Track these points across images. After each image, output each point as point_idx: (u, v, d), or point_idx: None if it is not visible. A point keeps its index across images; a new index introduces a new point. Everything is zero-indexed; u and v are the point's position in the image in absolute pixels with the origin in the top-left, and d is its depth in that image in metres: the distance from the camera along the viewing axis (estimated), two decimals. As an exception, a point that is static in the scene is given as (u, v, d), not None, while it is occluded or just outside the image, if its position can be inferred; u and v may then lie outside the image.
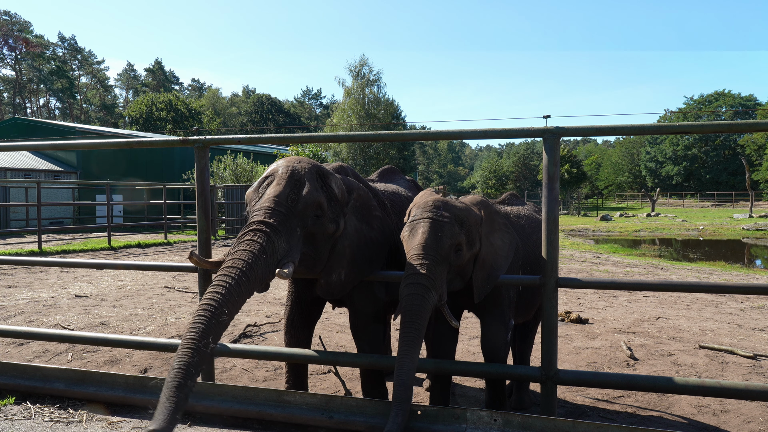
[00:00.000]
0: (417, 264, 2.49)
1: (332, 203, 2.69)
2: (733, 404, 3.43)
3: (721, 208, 43.33)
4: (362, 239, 2.86)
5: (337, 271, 2.76)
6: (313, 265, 2.70)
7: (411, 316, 2.40)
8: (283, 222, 2.44)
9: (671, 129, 2.80)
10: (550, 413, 2.78)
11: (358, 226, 2.86)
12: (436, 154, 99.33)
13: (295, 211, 2.50)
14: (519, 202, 3.57)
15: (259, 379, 3.97)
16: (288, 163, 2.67)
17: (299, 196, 2.52)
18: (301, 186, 2.56)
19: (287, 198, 2.50)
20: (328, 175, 2.73)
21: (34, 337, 3.73)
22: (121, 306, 6.34)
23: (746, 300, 7.16)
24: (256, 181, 2.70)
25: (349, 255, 2.78)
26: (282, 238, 2.42)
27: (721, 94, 57.79)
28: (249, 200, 2.68)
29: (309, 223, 2.56)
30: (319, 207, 2.58)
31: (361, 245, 2.85)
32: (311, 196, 2.54)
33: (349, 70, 42.31)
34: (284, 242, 2.43)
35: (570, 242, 17.80)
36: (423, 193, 2.96)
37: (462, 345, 4.81)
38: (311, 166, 2.67)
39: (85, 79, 72.11)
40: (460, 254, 2.62)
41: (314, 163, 2.71)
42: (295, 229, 2.49)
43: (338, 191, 2.74)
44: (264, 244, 2.34)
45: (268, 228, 2.38)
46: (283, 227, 2.43)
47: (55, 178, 22.98)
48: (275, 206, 2.46)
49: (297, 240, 2.50)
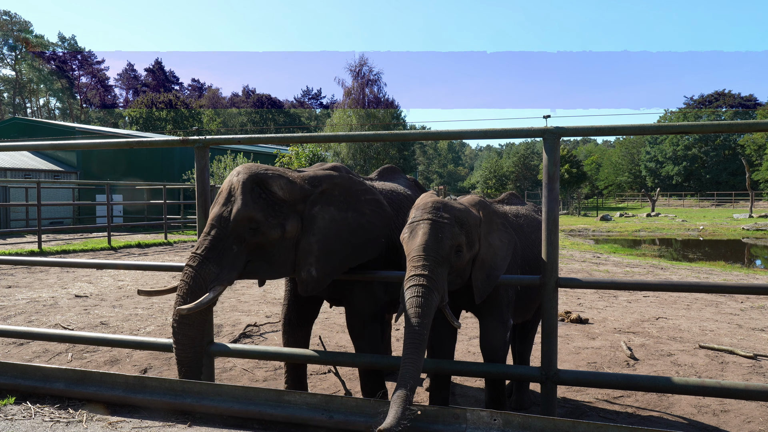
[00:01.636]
0: (418, 265, 2.49)
1: (275, 208, 2.67)
2: (733, 404, 3.43)
3: (721, 208, 43.32)
4: (342, 228, 2.84)
5: (305, 269, 2.77)
6: (274, 269, 2.76)
7: (414, 318, 2.39)
8: (213, 247, 2.59)
9: (671, 129, 2.80)
10: (550, 413, 2.78)
11: (338, 215, 2.84)
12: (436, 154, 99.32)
13: (227, 231, 2.61)
14: (518, 202, 3.57)
15: (259, 379, 3.97)
16: (230, 176, 2.74)
17: (230, 215, 2.61)
18: (233, 202, 2.63)
19: (220, 219, 2.63)
20: (268, 180, 2.70)
21: (34, 337, 3.73)
22: (121, 306, 6.34)
23: (746, 300, 7.16)
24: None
25: (317, 251, 2.77)
26: (211, 264, 2.58)
27: (721, 94, 57.81)
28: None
29: (247, 237, 2.63)
30: (251, 220, 2.62)
31: (339, 235, 2.83)
32: (239, 213, 2.60)
33: (349, 70, 42.29)
34: (214, 266, 2.59)
35: (570, 242, 17.80)
36: (424, 195, 2.95)
37: (462, 345, 4.81)
38: (247, 178, 2.68)
39: (85, 79, 72.10)
40: (460, 255, 2.62)
41: (253, 172, 2.71)
42: (231, 247, 2.61)
43: (283, 193, 2.71)
44: (189, 280, 2.58)
45: (195, 261, 2.59)
46: (213, 252, 2.59)
47: (55, 178, 22.98)
48: (209, 230, 2.63)
49: (233, 258, 2.63)
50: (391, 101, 42.75)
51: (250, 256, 2.67)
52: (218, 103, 75.69)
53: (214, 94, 79.34)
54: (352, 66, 42.31)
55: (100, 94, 72.22)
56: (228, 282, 2.62)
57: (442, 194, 22.92)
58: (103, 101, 71.85)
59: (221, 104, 75.71)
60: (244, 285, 7.82)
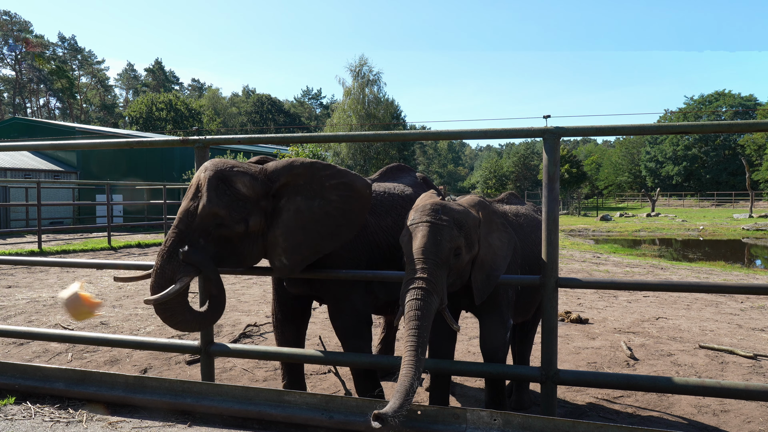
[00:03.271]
0: (418, 268, 2.49)
1: (239, 204, 2.74)
2: (733, 404, 3.43)
3: (721, 208, 43.32)
4: (310, 218, 2.85)
5: (277, 258, 2.85)
6: (241, 260, 2.85)
7: (414, 321, 2.39)
8: (179, 240, 2.68)
9: (671, 129, 2.80)
10: (550, 413, 2.78)
11: (304, 204, 2.86)
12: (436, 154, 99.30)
13: (193, 227, 2.70)
14: (518, 202, 3.56)
15: (259, 379, 3.97)
16: (199, 172, 2.81)
17: (197, 210, 2.70)
18: (199, 198, 2.72)
19: (187, 213, 2.71)
20: (232, 177, 2.76)
21: (34, 337, 3.73)
22: (121, 306, 6.34)
23: (746, 300, 7.16)
24: None
25: (282, 243, 2.82)
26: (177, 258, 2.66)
27: (721, 94, 57.78)
28: None
29: (212, 231, 2.72)
30: (215, 216, 2.69)
31: (306, 225, 2.85)
32: (204, 209, 2.68)
33: (349, 70, 42.30)
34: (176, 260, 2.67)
35: (570, 242, 17.80)
36: (423, 195, 2.95)
37: (462, 345, 4.81)
38: (212, 174, 2.74)
39: (85, 79, 72.10)
40: (459, 257, 2.62)
41: (218, 169, 2.76)
42: (197, 240, 2.70)
43: (246, 189, 2.77)
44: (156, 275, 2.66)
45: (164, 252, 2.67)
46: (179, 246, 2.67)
47: (55, 178, 22.98)
48: (177, 224, 2.72)
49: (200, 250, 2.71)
50: (391, 101, 42.77)
51: (218, 248, 2.76)
52: (218, 103, 75.66)
53: (214, 94, 79.32)
54: (352, 66, 42.32)
55: (100, 94, 72.21)
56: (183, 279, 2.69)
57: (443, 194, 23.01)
58: (103, 101, 71.84)
59: (221, 104, 75.70)
60: (244, 285, 7.82)
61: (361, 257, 3.13)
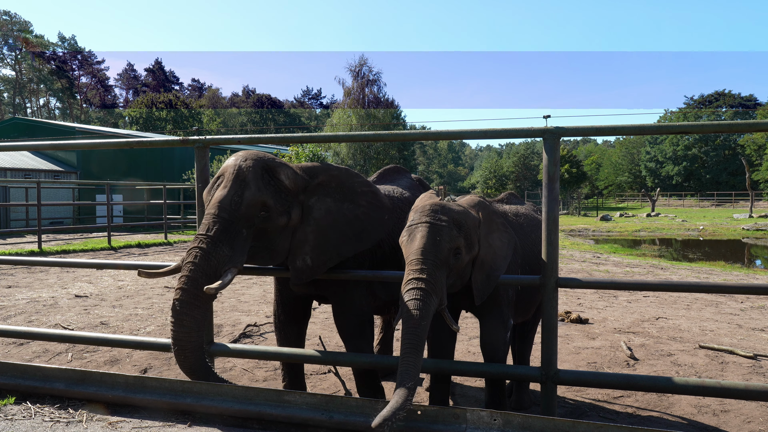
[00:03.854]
0: (417, 269, 2.49)
1: (282, 196, 2.72)
2: (733, 404, 3.43)
3: (721, 208, 43.32)
4: (339, 219, 2.87)
5: (301, 257, 2.80)
6: (272, 256, 2.79)
7: (412, 321, 2.39)
8: (224, 229, 2.55)
9: (671, 129, 2.80)
10: (550, 413, 2.78)
11: (334, 206, 2.88)
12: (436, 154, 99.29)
13: (239, 215, 2.60)
14: (518, 202, 3.56)
15: (259, 379, 3.97)
16: (236, 161, 2.73)
17: (242, 199, 2.60)
18: (245, 187, 2.63)
19: (231, 202, 2.60)
20: (276, 168, 2.75)
21: (34, 337, 3.73)
22: (121, 306, 6.34)
23: (746, 300, 7.16)
24: (212, 180, 2.79)
25: (312, 240, 2.81)
26: (224, 246, 2.55)
27: (721, 94, 57.82)
28: (204, 201, 2.79)
29: (256, 222, 2.65)
30: (263, 206, 2.64)
31: (335, 226, 2.86)
32: (254, 197, 2.61)
33: (349, 70, 42.33)
34: (227, 249, 2.56)
35: (570, 242, 17.80)
36: (423, 196, 2.95)
37: (462, 345, 4.81)
38: (255, 163, 2.70)
39: (85, 79, 72.09)
40: (459, 257, 2.61)
41: (261, 159, 2.74)
42: (241, 231, 2.60)
43: (289, 182, 2.76)
44: (202, 261, 2.52)
45: (208, 240, 2.53)
46: (225, 234, 2.55)
47: (55, 178, 22.98)
48: (219, 212, 2.58)
49: (243, 241, 2.61)
50: (391, 101, 42.77)
51: (254, 241, 2.70)
52: (218, 103, 75.70)
53: (214, 94, 79.35)
54: (352, 66, 42.34)
55: (100, 94, 72.20)
56: (240, 265, 2.61)
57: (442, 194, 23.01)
58: (103, 101, 71.84)
59: (221, 104, 75.73)
60: (244, 285, 7.82)
61: (365, 258, 3.15)
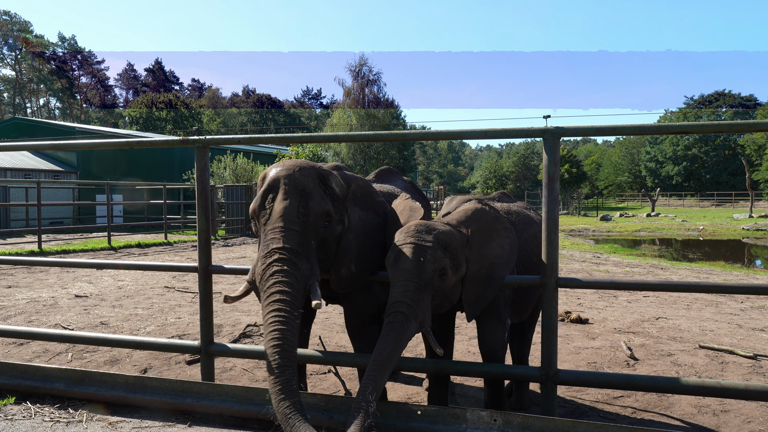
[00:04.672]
0: (399, 291, 2.46)
1: (336, 204, 2.69)
2: (733, 404, 3.43)
3: (721, 208, 43.32)
4: (368, 227, 2.87)
5: (346, 266, 2.76)
6: (324, 265, 2.72)
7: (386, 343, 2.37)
8: (301, 242, 2.46)
9: (671, 129, 2.80)
10: (550, 413, 2.78)
11: (363, 215, 2.88)
12: (436, 154, 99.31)
13: (308, 226, 2.52)
14: (509, 200, 3.55)
15: (259, 379, 3.97)
16: (288, 171, 2.60)
17: (308, 209, 2.52)
18: (307, 197, 2.54)
19: (297, 214, 2.50)
20: (327, 176, 2.72)
21: (34, 337, 3.73)
22: (121, 306, 6.34)
23: (746, 300, 7.16)
24: (259, 193, 2.64)
25: (355, 247, 2.78)
26: (303, 259, 2.45)
27: (721, 94, 57.84)
28: (255, 215, 2.64)
29: (321, 233, 2.58)
30: (327, 215, 2.60)
31: (368, 233, 2.86)
32: (319, 207, 2.55)
33: (349, 70, 42.37)
34: (306, 262, 2.46)
35: (570, 242, 17.80)
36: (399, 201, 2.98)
37: (462, 345, 4.81)
38: (311, 172, 2.64)
39: (85, 79, 72.10)
40: (444, 278, 2.57)
41: (313, 167, 2.69)
42: (311, 243, 2.52)
43: (338, 190, 2.74)
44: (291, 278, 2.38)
45: (290, 254, 2.40)
46: (302, 247, 2.46)
47: (55, 178, 22.98)
48: (289, 225, 2.46)
49: (314, 253, 2.53)
50: (391, 101, 42.80)
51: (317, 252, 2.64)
52: (218, 103, 75.72)
53: (214, 94, 79.37)
54: (352, 66, 42.38)
55: (100, 94, 72.21)
56: (319, 278, 2.52)
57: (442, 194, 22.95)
58: (103, 101, 71.85)
59: (221, 104, 75.74)
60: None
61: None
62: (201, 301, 3.23)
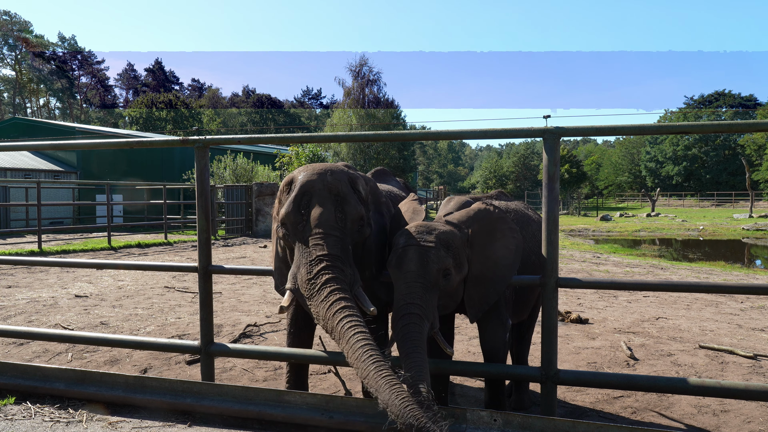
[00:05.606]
0: (407, 293, 2.45)
1: (364, 206, 2.68)
2: (733, 404, 3.43)
3: (721, 208, 43.33)
4: (378, 228, 2.87)
5: (368, 267, 2.75)
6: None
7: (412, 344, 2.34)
8: (343, 248, 2.46)
9: (671, 129, 2.80)
10: (550, 413, 2.78)
11: (375, 217, 2.87)
12: (436, 154, 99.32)
13: (346, 231, 2.52)
14: (506, 199, 3.55)
15: (259, 379, 3.97)
16: (321, 176, 2.57)
17: (345, 214, 2.52)
18: (343, 202, 2.54)
19: (336, 219, 2.49)
20: (356, 179, 2.70)
21: (34, 337, 3.73)
22: (121, 306, 6.34)
23: (746, 300, 7.16)
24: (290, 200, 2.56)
25: (375, 248, 2.78)
26: (347, 264, 2.46)
27: (721, 94, 57.86)
28: (286, 221, 2.56)
29: (355, 237, 2.58)
30: (361, 219, 2.59)
31: (380, 236, 2.86)
32: (355, 211, 2.54)
33: (349, 70, 42.37)
34: (350, 268, 2.47)
35: (570, 242, 17.80)
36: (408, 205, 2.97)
37: (462, 345, 4.81)
38: (343, 176, 2.61)
39: (85, 79, 72.12)
40: (449, 279, 2.57)
41: (342, 170, 2.65)
42: (349, 247, 2.52)
43: (365, 193, 2.73)
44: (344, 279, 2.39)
45: (336, 261, 2.40)
46: (345, 253, 2.46)
47: (55, 178, 22.98)
48: (330, 230, 2.45)
49: (352, 258, 2.53)
50: (391, 101, 42.79)
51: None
52: (218, 103, 75.74)
53: (214, 94, 79.39)
54: (352, 66, 42.38)
55: (100, 94, 72.23)
56: (360, 283, 2.52)
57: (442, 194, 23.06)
58: (103, 101, 71.87)
59: (221, 104, 75.75)
60: (244, 285, 7.82)
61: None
62: (201, 301, 3.23)
